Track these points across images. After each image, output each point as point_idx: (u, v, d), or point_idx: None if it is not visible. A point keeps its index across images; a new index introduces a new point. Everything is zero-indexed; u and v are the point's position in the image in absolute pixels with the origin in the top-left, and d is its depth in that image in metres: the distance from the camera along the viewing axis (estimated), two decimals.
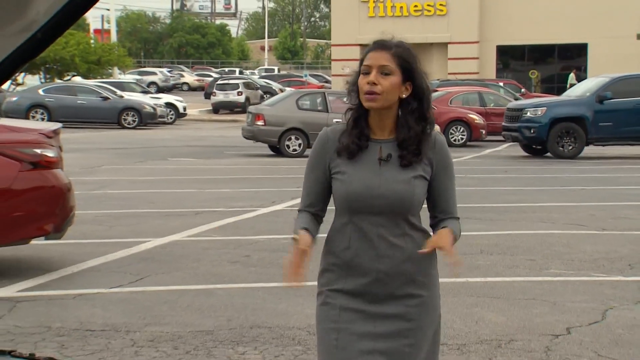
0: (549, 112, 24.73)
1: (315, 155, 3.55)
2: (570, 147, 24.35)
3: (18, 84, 46.24)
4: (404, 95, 3.43)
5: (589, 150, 25.09)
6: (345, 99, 3.65)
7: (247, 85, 51.43)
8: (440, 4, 54.12)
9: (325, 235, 3.55)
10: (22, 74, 48.45)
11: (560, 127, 24.37)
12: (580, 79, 44.51)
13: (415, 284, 3.41)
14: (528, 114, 25.02)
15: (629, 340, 7.16)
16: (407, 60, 3.44)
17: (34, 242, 9.65)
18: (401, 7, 54.64)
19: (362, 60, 3.47)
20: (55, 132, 9.78)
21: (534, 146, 25.57)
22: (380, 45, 3.45)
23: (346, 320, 3.35)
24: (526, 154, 25.96)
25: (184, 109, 44.79)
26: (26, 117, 33.59)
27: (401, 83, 3.41)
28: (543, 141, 24.67)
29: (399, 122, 3.45)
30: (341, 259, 3.42)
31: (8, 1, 1.74)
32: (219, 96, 49.49)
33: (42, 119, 33.89)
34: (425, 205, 3.59)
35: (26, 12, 1.78)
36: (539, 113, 24.82)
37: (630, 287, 9.09)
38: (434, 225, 3.54)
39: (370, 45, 3.49)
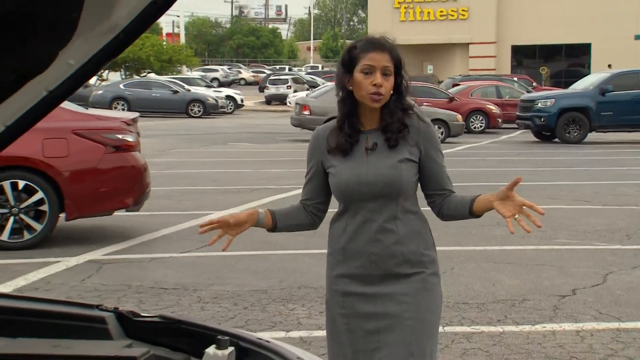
0: (558, 103, 24.80)
1: (310, 154, 3.31)
2: (576, 134, 24.48)
3: (102, 80, 46.54)
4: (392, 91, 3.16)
5: (592, 136, 25.08)
6: (335, 93, 3.31)
7: (295, 80, 51.27)
8: (463, 10, 53.95)
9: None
10: (106, 71, 48.84)
11: (567, 116, 24.51)
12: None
13: (410, 264, 3.13)
14: (539, 104, 25.10)
15: (627, 300, 7.15)
16: (398, 59, 3.14)
17: (116, 213, 9.77)
18: (428, 12, 54.63)
19: (349, 54, 3.15)
20: (134, 121, 9.91)
21: (543, 133, 25.50)
22: (381, 46, 3.13)
23: (350, 304, 3.14)
24: (537, 140, 25.89)
25: (241, 100, 44.87)
26: (109, 108, 33.81)
27: (394, 80, 3.14)
28: (552, 128, 24.74)
29: (383, 112, 3.15)
30: (339, 245, 3.20)
31: (96, 6, 1.76)
32: (271, 90, 49.49)
33: (123, 110, 34.06)
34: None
35: (111, 16, 1.79)
36: (549, 104, 24.90)
37: (627, 254, 9.09)
38: (439, 205, 3.23)
39: (366, 44, 3.14)
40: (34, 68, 1.89)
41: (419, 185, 3.25)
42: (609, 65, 47.74)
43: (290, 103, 41.77)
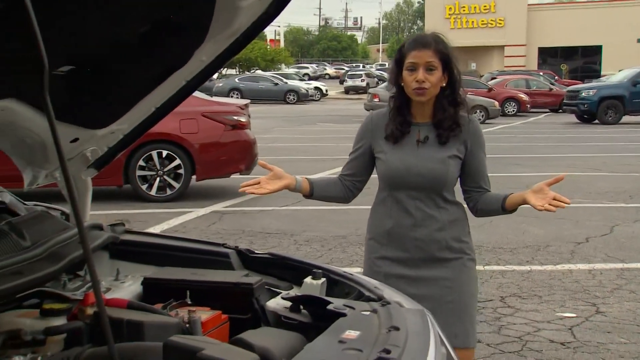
0: (598, 93, 24.20)
1: (360, 135, 2.84)
2: (612, 117, 23.90)
3: (222, 75, 47.06)
4: (443, 84, 2.67)
5: (625, 119, 24.29)
6: (387, 89, 2.91)
7: (368, 75, 50.93)
8: (500, 19, 53.23)
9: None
10: (225, 68, 49.33)
11: (606, 103, 23.92)
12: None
13: (450, 250, 2.71)
14: (583, 94, 24.49)
15: (629, 246, 7.04)
16: (445, 53, 2.66)
17: (233, 176, 9.88)
18: (472, 21, 53.97)
19: (400, 52, 2.69)
20: (246, 106, 9.99)
21: (585, 116, 24.69)
22: (423, 43, 2.65)
23: (392, 286, 2.45)
24: (577, 121, 25.13)
25: (326, 91, 44.76)
26: (227, 96, 34.18)
27: (442, 75, 2.66)
28: (593, 113, 24.05)
29: (435, 106, 2.69)
30: (383, 229, 2.76)
31: (223, 16, 1.75)
32: (349, 82, 49.14)
33: (237, 97, 34.40)
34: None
35: (233, 23, 1.79)
36: (591, 93, 24.30)
37: (630, 211, 8.87)
38: (474, 200, 2.79)
39: (411, 43, 2.68)
40: (176, 64, 1.90)
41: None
42: (563, 66, 47.83)
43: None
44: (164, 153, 9.13)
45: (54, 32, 1.15)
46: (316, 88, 43.08)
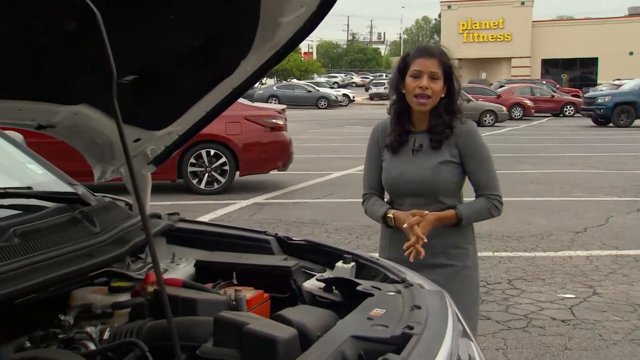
0: (613, 99, 23.82)
1: (370, 146, 2.63)
2: (624, 121, 23.48)
3: (262, 83, 47.18)
4: (442, 95, 2.45)
5: (637, 122, 23.81)
6: (389, 95, 2.66)
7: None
8: (507, 34, 52.68)
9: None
10: (265, 77, 49.38)
11: (620, 108, 23.54)
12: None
13: (446, 256, 2.45)
14: (599, 100, 24.14)
15: (623, 235, 6.94)
16: (447, 64, 2.43)
17: (271, 172, 9.91)
18: (483, 36, 53.42)
19: (403, 62, 2.47)
20: (283, 110, 9.99)
21: (599, 120, 24.21)
22: (428, 52, 2.44)
23: None
24: (575, 124, 24.75)
25: (353, 97, 44.60)
26: (266, 102, 34.28)
27: (443, 86, 2.44)
28: (608, 117, 23.67)
29: (431, 114, 2.46)
30: (386, 232, 2.57)
31: (266, 30, 1.74)
32: (373, 89, 48.83)
33: (275, 103, 34.50)
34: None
35: (275, 37, 1.78)
36: (607, 99, 23.95)
37: (623, 204, 8.73)
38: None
39: (417, 51, 2.46)
40: (224, 73, 1.90)
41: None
42: (563, 75, 47.52)
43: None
44: (212, 152, 9.18)
45: (120, 47, 1.15)
46: (344, 95, 42.97)
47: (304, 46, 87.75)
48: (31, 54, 1.45)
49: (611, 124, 23.67)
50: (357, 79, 75.46)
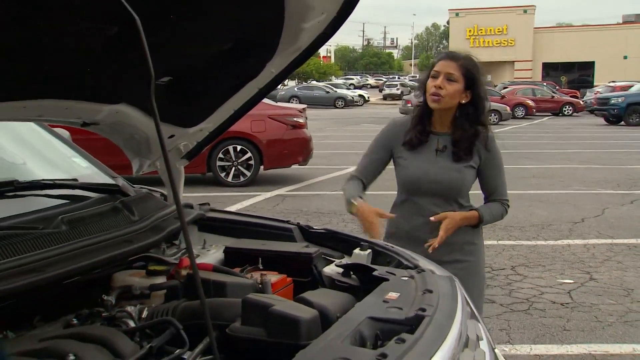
0: (626, 100, 23.43)
1: (382, 139, 2.48)
2: (634, 120, 23.06)
3: (284, 85, 47.16)
4: (463, 101, 2.33)
5: None
6: (414, 96, 2.49)
7: (402, 85, 50.32)
8: (511, 40, 52.30)
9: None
10: (287, 79, 49.34)
11: (632, 108, 23.15)
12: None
13: (462, 252, 2.39)
14: (613, 100, 23.74)
15: (617, 225, 6.89)
16: (471, 71, 2.32)
17: (293, 166, 9.91)
18: (488, 41, 53.07)
19: (432, 66, 2.40)
20: (303, 110, 9.98)
21: (611, 119, 23.79)
22: (450, 56, 2.36)
23: None
24: (573, 123, 24.55)
25: (368, 97, 44.42)
26: (288, 102, 34.26)
27: (463, 90, 2.31)
28: (621, 116, 23.31)
29: (456, 122, 2.36)
30: (401, 230, 2.42)
31: (289, 35, 1.73)
32: (387, 90, 48.58)
33: (296, 103, 34.47)
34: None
35: (297, 41, 1.77)
36: (620, 100, 23.54)
37: (617, 196, 8.66)
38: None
39: (442, 54, 2.41)
40: (251, 74, 1.90)
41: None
42: (562, 77, 47.61)
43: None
44: (238, 147, 9.21)
45: (158, 51, 1.15)
46: (360, 95, 42.81)
47: (322, 50, 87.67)
48: (78, 58, 1.45)
49: (622, 123, 23.28)
50: (371, 80, 75.18)
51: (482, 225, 2.46)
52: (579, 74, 52.53)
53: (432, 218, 2.34)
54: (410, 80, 63.53)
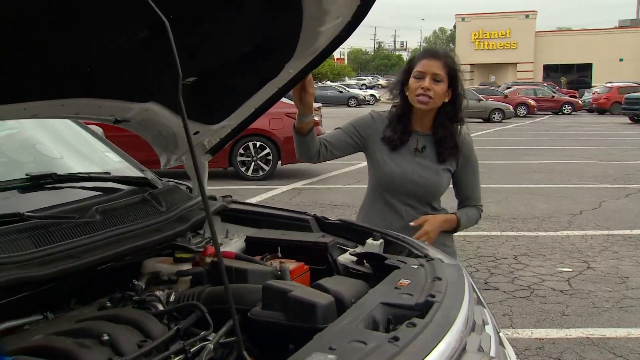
0: None
1: (359, 126, 2.30)
2: None
3: None
4: (446, 100, 2.16)
5: None
6: (389, 97, 2.34)
7: None
8: (513, 43, 51.85)
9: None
10: None
11: None
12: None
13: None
14: None
15: (613, 217, 6.84)
16: (453, 69, 2.15)
17: (304, 163, 9.89)
18: (492, 44, 52.69)
19: (409, 64, 2.21)
20: (318, 108, 9.97)
21: (635, 118, 23.35)
22: (433, 54, 2.17)
23: None
24: (571, 121, 24.36)
25: (379, 97, 44.00)
26: None
27: (447, 89, 2.16)
28: None
29: (436, 121, 2.19)
30: (377, 226, 2.07)
31: (307, 37, 1.72)
32: None
33: None
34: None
35: (314, 43, 1.76)
36: None
37: (614, 190, 8.58)
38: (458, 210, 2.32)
39: (423, 53, 2.20)
40: (270, 75, 1.89)
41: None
42: (562, 78, 46.81)
43: None
44: (258, 144, 9.22)
45: (185, 52, 1.15)
46: (371, 95, 42.62)
47: (336, 53, 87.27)
48: (111, 60, 1.46)
49: None
50: (382, 81, 74.57)
51: (458, 231, 2.28)
52: (577, 75, 52.01)
53: (412, 223, 2.17)
54: None
